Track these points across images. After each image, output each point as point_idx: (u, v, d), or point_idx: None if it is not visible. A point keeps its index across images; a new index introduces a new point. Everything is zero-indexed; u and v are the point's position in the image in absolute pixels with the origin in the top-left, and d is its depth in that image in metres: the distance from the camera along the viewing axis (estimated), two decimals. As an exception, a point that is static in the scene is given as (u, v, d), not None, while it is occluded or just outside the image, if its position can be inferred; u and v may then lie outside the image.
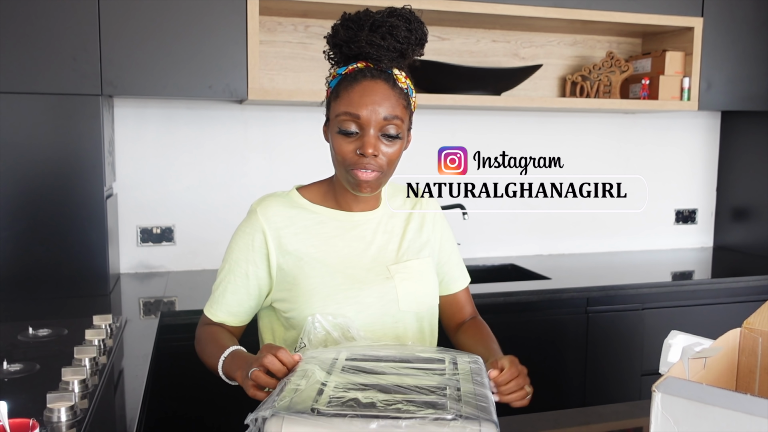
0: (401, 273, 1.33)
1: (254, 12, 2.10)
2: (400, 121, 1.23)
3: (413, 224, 1.40)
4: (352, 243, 1.33)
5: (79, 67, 1.98)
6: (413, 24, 1.24)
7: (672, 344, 0.99)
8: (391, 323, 1.31)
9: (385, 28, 1.21)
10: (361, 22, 1.23)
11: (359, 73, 1.24)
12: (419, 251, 1.38)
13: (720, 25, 2.63)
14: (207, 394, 1.95)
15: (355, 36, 1.23)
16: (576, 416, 1.33)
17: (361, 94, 1.22)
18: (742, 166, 3.00)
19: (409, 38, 1.23)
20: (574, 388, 2.30)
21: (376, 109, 1.21)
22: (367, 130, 1.22)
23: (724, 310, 2.43)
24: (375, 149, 1.22)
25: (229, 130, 2.48)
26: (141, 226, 2.43)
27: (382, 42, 1.21)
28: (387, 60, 1.24)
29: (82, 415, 1.14)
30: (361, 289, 1.29)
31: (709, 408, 0.70)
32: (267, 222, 1.32)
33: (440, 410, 0.87)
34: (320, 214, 1.34)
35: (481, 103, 2.41)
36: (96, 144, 2.03)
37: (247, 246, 1.33)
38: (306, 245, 1.31)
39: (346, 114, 1.22)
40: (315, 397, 0.90)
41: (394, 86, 1.24)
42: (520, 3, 2.37)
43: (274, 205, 1.35)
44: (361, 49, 1.23)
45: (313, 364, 1.01)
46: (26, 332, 1.62)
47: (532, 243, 2.87)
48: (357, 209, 1.35)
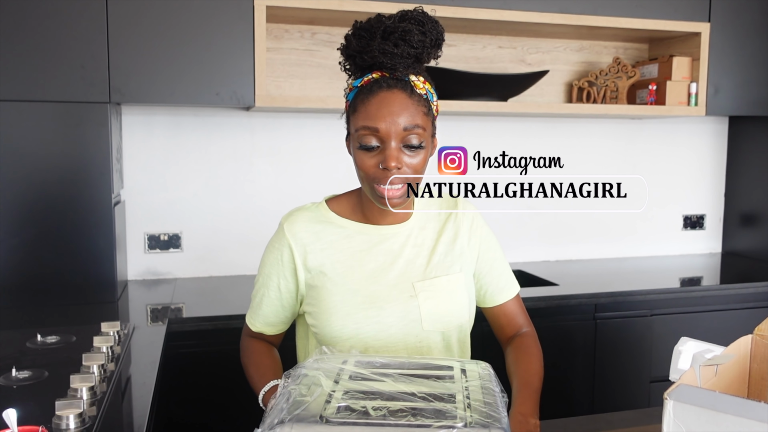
0: (426, 291, 1.28)
1: (261, 19, 2.11)
2: (422, 129, 1.19)
3: (446, 236, 1.34)
4: (379, 257, 1.29)
5: (87, 74, 2.00)
6: (427, 26, 1.19)
7: (682, 351, 0.98)
8: (414, 342, 1.27)
9: (397, 34, 1.17)
10: (373, 30, 1.18)
11: (375, 84, 1.19)
12: (450, 266, 1.32)
13: (727, 30, 2.62)
14: (214, 401, 1.95)
15: (368, 45, 1.18)
16: (585, 423, 1.32)
17: (379, 106, 1.17)
18: (750, 171, 2.98)
19: (423, 42, 1.19)
20: (582, 395, 2.29)
21: (395, 120, 1.17)
22: (387, 143, 1.17)
23: (732, 316, 2.42)
24: (398, 162, 1.17)
25: (236, 136, 2.48)
26: (148, 233, 2.43)
27: (395, 49, 1.17)
28: (402, 67, 1.19)
29: (90, 422, 1.14)
30: (382, 308, 1.25)
31: (722, 416, 0.70)
32: (293, 238, 1.29)
33: (450, 418, 0.86)
34: (347, 228, 1.30)
35: (488, 109, 2.41)
36: (104, 151, 2.03)
37: (276, 260, 1.32)
38: (331, 260, 1.28)
39: (365, 128, 1.18)
40: (323, 405, 0.89)
41: (412, 94, 1.19)
42: (527, 9, 2.37)
43: (300, 220, 1.31)
44: (374, 59, 1.18)
45: (319, 372, 1.00)
46: (35, 339, 1.63)
47: (540, 249, 2.87)
48: (385, 222, 1.31)
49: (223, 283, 2.42)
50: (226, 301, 2.22)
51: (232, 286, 2.38)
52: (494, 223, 2.28)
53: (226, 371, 1.71)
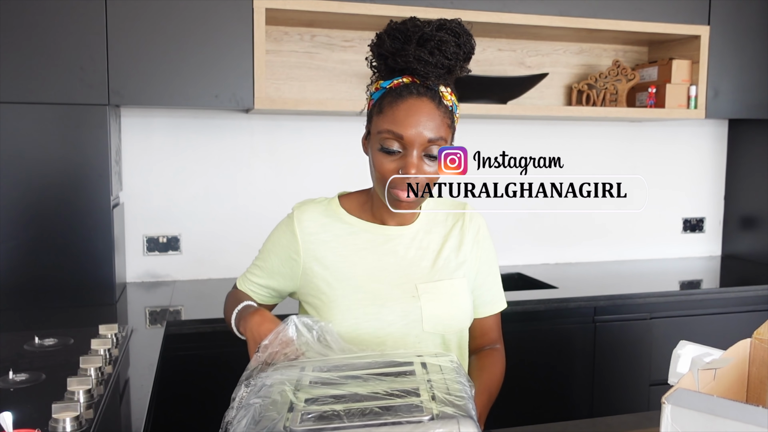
0: (430, 293, 1.28)
1: (260, 22, 2.11)
2: (444, 141, 1.20)
3: (451, 242, 1.34)
4: (383, 257, 1.30)
5: (86, 77, 1.99)
6: (462, 38, 1.20)
7: (681, 354, 0.98)
8: (413, 343, 1.27)
9: (433, 42, 1.17)
10: (409, 34, 1.18)
11: (405, 89, 1.19)
12: (454, 271, 1.32)
13: (727, 33, 2.62)
14: (213, 404, 1.94)
15: (402, 49, 1.18)
16: (584, 427, 1.32)
17: (407, 113, 1.18)
18: (749, 174, 2.98)
19: (458, 54, 1.19)
20: (581, 399, 2.28)
21: (420, 129, 1.17)
22: (410, 150, 1.18)
23: (732, 319, 2.41)
24: (418, 170, 1.18)
25: (236, 139, 2.48)
26: (147, 235, 2.43)
27: (431, 58, 1.17)
28: (434, 77, 1.19)
29: (87, 425, 1.14)
30: (383, 305, 1.26)
31: (720, 420, 0.69)
32: (300, 225, 1.31)
33: (416, 412, 0.85)
34: (354, 226, 1.32)
35: (488, 111, 2.41)
36: (103, 153, 2.03)
37: (277, 241, 1.35)
38: (335, 254, 1.29)
39: (390, 132, 1.19)
40: (285, 415, 0.87)
41: (439, 105, 1.20)
42: (526, 12, 2.37)
43: (310, 210, 1.34)
44: (408, 64, 1.18)
45: (278, 381, 0.98)
46: (32, 342, 1.62)
47: (539, 252, 2.86)
48: (392, 223, 1.32)
49: (222, 286, 2.41)
50: (224, 304, 2.21)
51: (230, 288, 2.37)
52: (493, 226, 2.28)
53: (224, 374, 1.70)
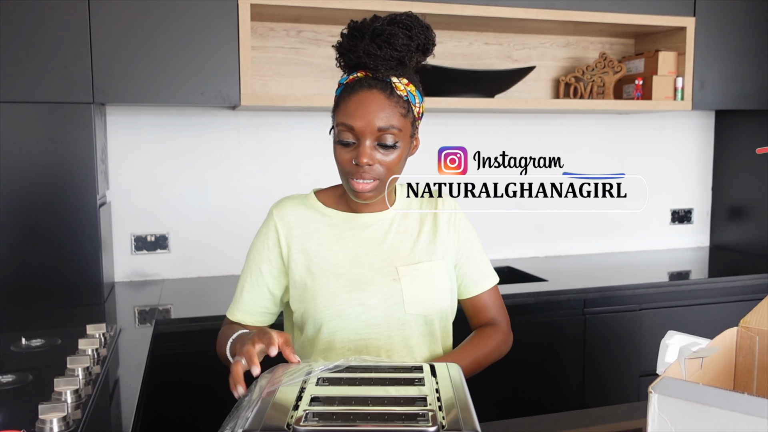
0: (409, 275, 1.32)
1: (246, 18, 2.10)
2: (397, 129, 1.24)
3: (427, 226, 1.39)
4: (363, 243, 1.34)
5: (71, 75, 1.98)
6: (414, 30, 1.24)
7: (669, 344, 0.98)
8: (397, 325, 1.30)
9: (383, 36, 1.21)
10: (364, 30, 1.23)
11: (357, 83, 1.25)
12: (433, 253, 1.36)
13: (712, 24, 2.63)
14: (202, 402, 1.94)
15: (355, 46, 1.24)
16: (575, 418, 1.32)
17: (357, 105, 1.23)
18: (736, 165, 3.00)
19: (408, 45, 1.23)
20: (572, 390, 2.29)
21: (370, 119, 1.22)
22: (363, 140, 1.23)
23: (721, 309, 2.43)
24: (370, 159, 1.23)
25: (223, 136, 2.47)
26: (135, 234, 2.41)
27: (379, 51, 1.22)
28: (384, 69, 1.24)
29: (74, 426, 1.13)
30: (365, 290, 1.29)
31: (707, 408, 0.70)
32: (281, 220, 1.36)
33: (422, 421, 0.84)
34: (332, 217, 1.36)
35: (475, 105, 2.41)
36: (88, 152, 2.02)
37: (263, 244, 1.37)
38: (316, 244, 1.33)
39: (343, 125, 1.25)
40: (290, 413, 0.87)
41: (391, 95, 1.24)
42: (512, 5, 2.37)
43: (289, 205, 1.38)
44: (359, 59, 1.24)
45: (286, 378, 0.98)
46: (19, 342, 1.61)
47: (529, 245, 2.87)
48: (367, 211, 1.37)
49: (211, 284, 2.41)
50: (213, 302, 2.20)
51: (219, 286, 2.36)
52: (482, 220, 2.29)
53: (214, 372, 1.69)
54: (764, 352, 0.97)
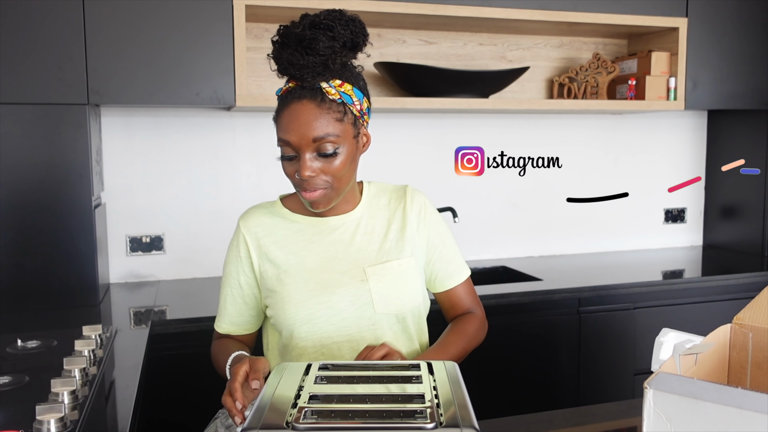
0: (377, 274, 1.31)
1: (240, 19, 2.10)
2: (335, 136, 1.21)
3: (396, 224, 1.38)
4: (330, 247, 1.34)
5: (65, 76, 1.97)
6: (336, 30, 1.17)
7: (663, 342, 0.99)
8: (368, 326, 1.30)
9: (305, 42, 1.16)
10: (289, 37, 1.19)
11: (289, 94, 1.23)
12: (401, 251, 1.35)
13: (705, 24, 2.65)
14: (199, 402, 1.93)
15: (280, 55, 1.20)
16: (570, 416, 1.33)
17: (289, 119, 1.21)
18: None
19: (332, 47, 1.18)
20: (567, 389, 2.30)
21: (304, 132, 1.20)
22: (302, 153, 1.22)
23: (714, 307, 2.44)
24: (312, 171, 1.21)
25: (218, 137, 2.47)
26: (130, 236, 2.41)
27: (301, 60, 1.17)
28: (310, 77, 1.19)
29: (72, 427, 1.13)
30: (334, 293, 1.29)
31: (702, 403, 0.70)
32: (248, 232, 1.36)
33: (420, 419, 0.84)
34: (299, 223, 1.36)
35: (469, 106, 2.41)
36: (83, 153, 2.01)
37: (235, 257, 1.38)
38: (285, 252, 1.33)
39: (281, 140, 1.23)
40: (288, 410, 0.87)
41: (322, 102, 1.20)
42: (507, 6, 2.38)
43: (254, 215, 1.39)
44: (285, 70, 1.21)
45: (284, 376, 0.98)
46: (15, 344, 1.61)
47: (523, 245, 2.88)
48: (333, 214, 1.36)
49: (207, 285, 2.40)
50: (209, 303, 2.20)
51: (215, 287, 2.35)
52: (477, 220, 2.31)
53: (210, 373, 1.69)
54: (758, 349, 0.98)
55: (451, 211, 2.51)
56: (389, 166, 2.60)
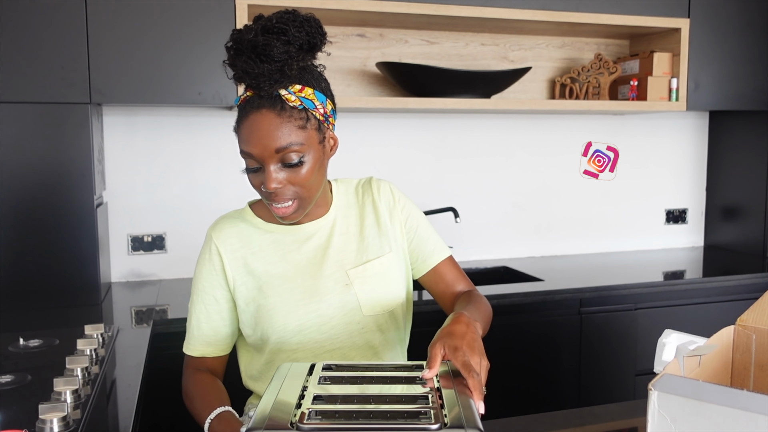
0: (360, 277, 1.29)
1: (243, 18, 2.10)
2: (299, 144, 1.15)
3: (369, 219, 1.35)
4: (309, 253, 1.30)
5: (67, 75, 1.97)
6: (291, 33, 1.10)
7: (666, 343, 0.99)
8: (358, 330, 1.29)
9: (259, 48, 1.09)
10: (242, 43, 1.11)
11: (247, 104, 1.16)
12: (381, 248, 1.33)
13: (706, 25, 2.65)
14: (201, 402, 1.93)
15: (234, 62, 1.13)
16: (571, 417, 1.33)
17: (249, 131, 1.15)
18: (730, 165, 3.01)
19: (288, 51, 1.11)
20: (568, 389, 2.30)
21: (265, 144, 1.14)
22: (266, 165, 1.16)
23: (716, 308, 2.44)
24: (278, 182, 1.16)
25: (219, 136, 2.47)
26: (132, 235, 2.41)
27: (256, 68, 1.10)
28: (267, 85, 1.12)
29: (74, 426, 1.13)
30: (321, 301, 1.26)
31: (706, 405, 0.70)
32: (222, 244, 1.30)
33: (425, 420, 0.84)
34: (274, 233, 1.31)
35: (471, 106, 2.42)
36: (85, 152, 2.01)
37: (209, 270, 1.31)
38: (264, 263, 1.28)
39: (243, 153, 1.18)
40: (293, 411, 0.87)
41: (282, 111, 1.14)
42: (509, 6, 2.38)
43: (226, 226, 1.32)
44: (241, 79, 1.14)
45: (288, 376, 0.98)
46: (17, 343, 1.61)
47: (525, 245, 2.88)
48: (307, 220, 1.32)
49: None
50: (211, 302, 2.20)
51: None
52: (478, 220, 2.31)
53: (212, 372, 1.70)
54: (761, 350, 0.98)
55: (452, 211, 2.51)
56: (390, 166, 2.60)
